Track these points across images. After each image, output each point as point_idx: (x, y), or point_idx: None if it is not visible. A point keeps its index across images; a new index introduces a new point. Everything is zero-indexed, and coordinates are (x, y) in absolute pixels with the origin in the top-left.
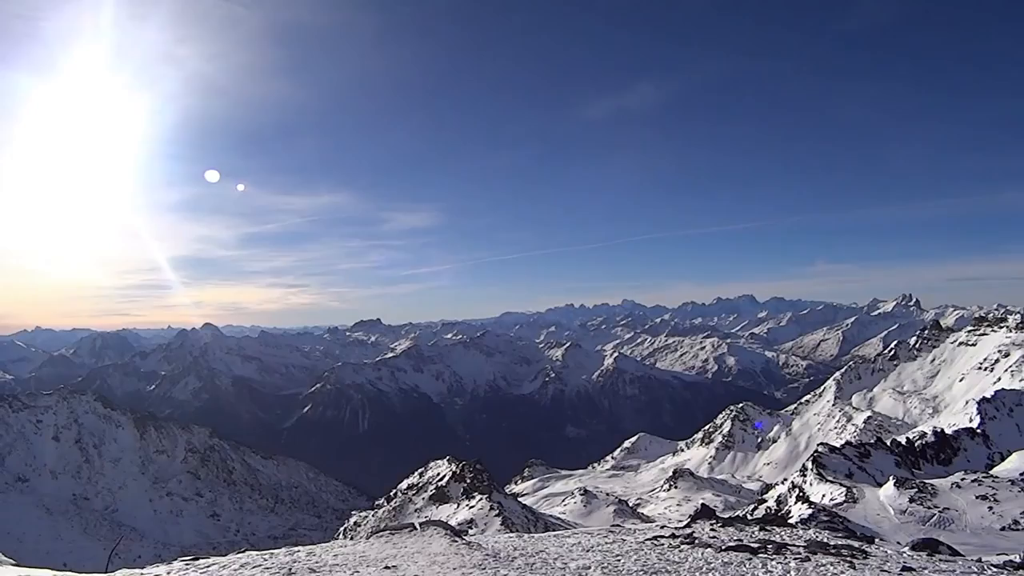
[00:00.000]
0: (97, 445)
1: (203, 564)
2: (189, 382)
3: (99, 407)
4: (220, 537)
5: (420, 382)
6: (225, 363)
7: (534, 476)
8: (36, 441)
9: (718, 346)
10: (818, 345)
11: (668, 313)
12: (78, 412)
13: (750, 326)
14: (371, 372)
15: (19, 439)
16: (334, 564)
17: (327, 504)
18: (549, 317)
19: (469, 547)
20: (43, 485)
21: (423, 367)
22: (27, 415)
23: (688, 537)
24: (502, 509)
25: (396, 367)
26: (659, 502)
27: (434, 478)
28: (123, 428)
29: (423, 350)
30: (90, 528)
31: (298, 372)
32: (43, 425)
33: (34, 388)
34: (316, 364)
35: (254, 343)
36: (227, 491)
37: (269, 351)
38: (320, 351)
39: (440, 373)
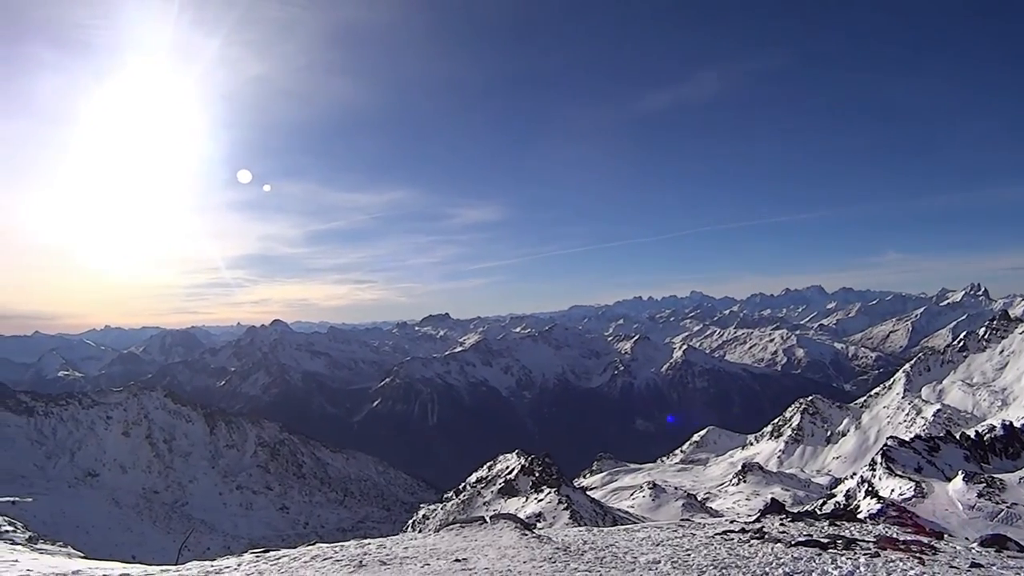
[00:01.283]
0: (167, 440)
1: (273, 556)
2: (259, 378)
3: (169, 403)
4: (289, 530)
5: (489, 376)
6: (294, 359)
7: (603, 470)
8: (106, 437)
9: (787, 338)
10: (887, 336)
11: (737, 305)
12: (148, 408)
13: (819, 317)
14: (440, 366)
15: (89, 435)
16: (404, 556)
17: (396, 497)
18: (618, 310)
19: (539, 540)
20: (113, 479)
21: (492, 361)
22: (97, 411)
23: (758, 532)
24: (570, 503)
25: (465, 361)
26: (728, 496)
27: (503, 471)
28: (193, 423)
29: (492, 344)
30: (159, 521)
31: (367, 367)
32: (113, 421)
33: (104, 385)
34: (385, 359)
35: (323, 339)
36: (297, 484)
37: (338, 346)
38: (389, 346)
39: (509, 367)
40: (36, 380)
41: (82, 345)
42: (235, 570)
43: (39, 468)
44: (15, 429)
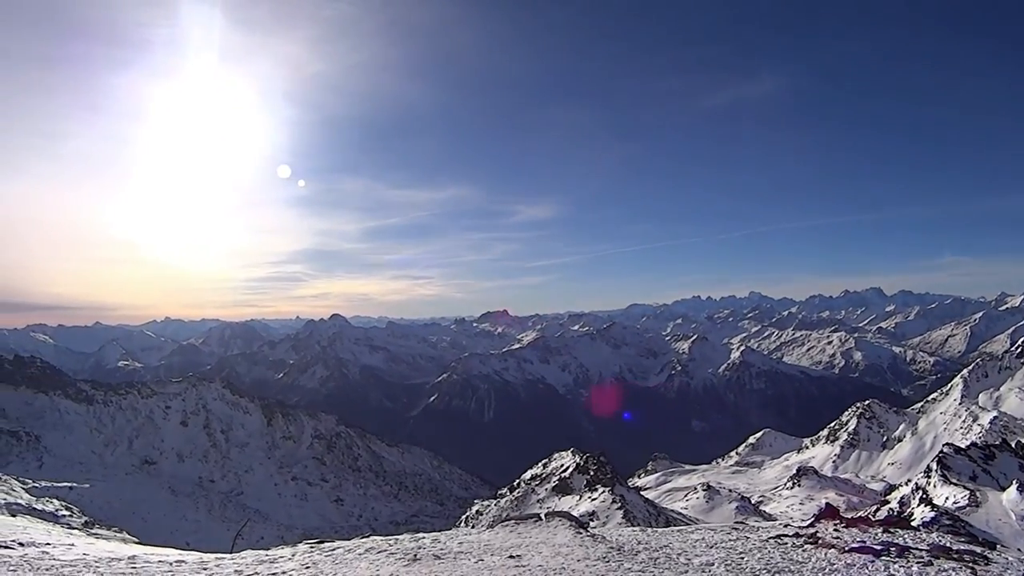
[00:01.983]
0: (224, 431)
1: (327, 548)
2: (317, 371)
3: (227, 394)
4: (343, 522)
5: (546, 373)
6: (353, 353)
7: (657, 470)
8: (164, 426)
9: (845, 340)
10: (945, 341)
11: (795, 306)
12: (206, 399)
13: (877, 320)
14: (497, 363)
15: (147, 424)
16: (459, 552)
17: (450, 492)
18: (676, 309)
19: (593, 539)
20: (170, 468)
21: (549, 358)
22: (156, 401)
23: (811, 537)
24: (624, 502)
25: (522, 358)
26: (781, 500)
27: (557, 469)
28: (250, 415)
29: (549, 341)
30: (215, 510)
31: (425, 362)
32: (171, 411)
33: (163, 376)
34: (443, 354)
35: (382, 333)
36: (352, 477)
37: (396, 341)
38: (447, 342)
39: (566, 364)
40: (96, 370)
41: (142, 336)
42: (289, 560)
43: (97, 455)
44: (74, 417)
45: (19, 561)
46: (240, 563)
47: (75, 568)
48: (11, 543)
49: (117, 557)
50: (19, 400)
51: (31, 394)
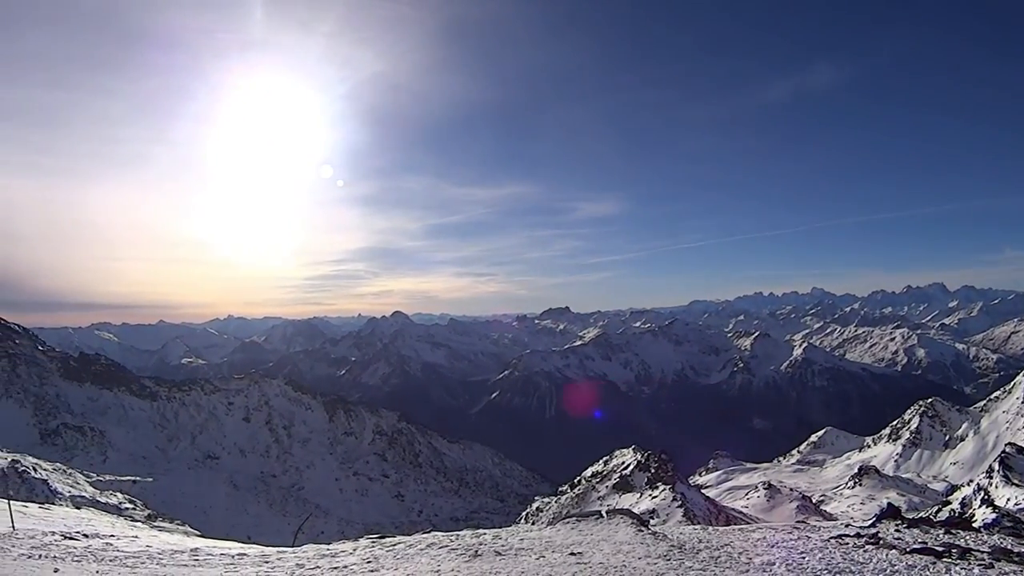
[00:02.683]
0: (287, 426)
1: (389, 542)
2: (379, 368)
3: (289, 391)
4: (403, 517)
5: (608, 370)
6: (415, 350)
7: (718, 468)
8: (227, 422)
9: (908, 337)
10: (1008, 337)
11: (858, 302)
12: (269, 395)
13: (940, 316)
14: (559, 360)
15: (210, 419)
16: (520, 548)
17: (510, 489)
18: (738, 305)
19: (655, 537)
20: (232, 463)
21: (611, 355)
22: (219, 397)
23: (873, 537)
24: (685, 500)
25: (584, 355)
26: (842, 499)
27: (619, 467)
28: (313, 411)
29: (611, 338)
30: (276, 504)
31: (487, 359)
32: (234, 407)
33: (226, 373)
34: (505, 351)
35: (443, 330)
36: (413, 473)
37: (458, 338)
38: (509, 339)
39: (628, 361)
40: (160, 367)
41: (205, 334)
42: (350, 555)
43: (160, 450)
44: (139, 413)
45: (83, 552)
46: (301, 557)
47: (139, 560)
48: (76, 534)
49: (180, 549)
50: (84, 396)
51: (96, 390)
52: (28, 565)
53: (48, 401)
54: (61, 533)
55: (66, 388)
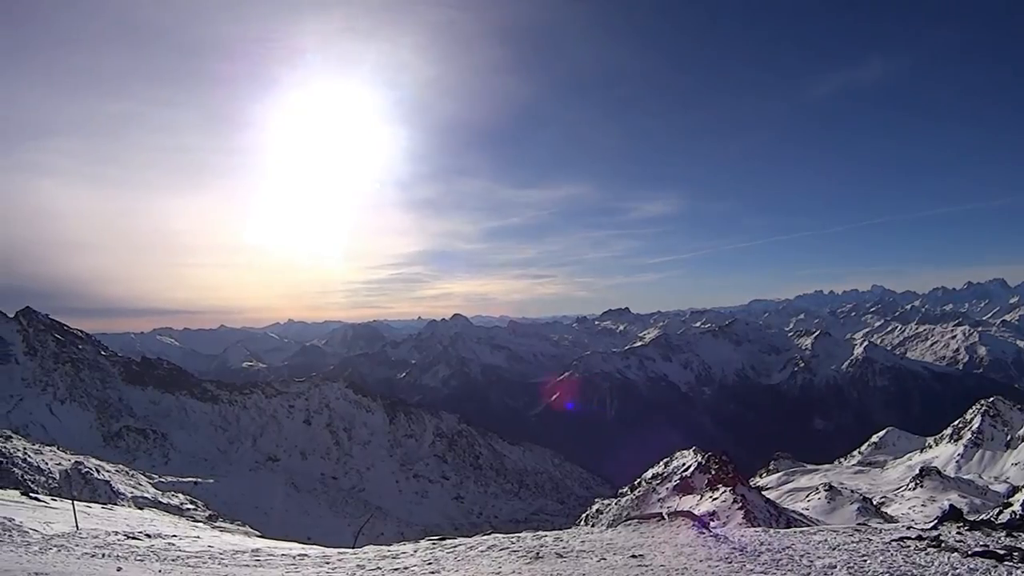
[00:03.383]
0: (347, 429)
1: (449, 544)
2: (439, 370)
3: (350, 393)
4: (463, 519)
5: (668, 371)
6: (475, 352)
7: (779, 469)
8: (287, 424)
9: (969, 335)
10: None
11: (918, 299)
12: (329, 398)
13: (1001, 313)
14: (619, 361)
15: (271, 422)
16: (581, 550)
17: (570, 491)
18: (798, 304)
19: (716, 539)
20: (293, 465)
21: (671, 356)
22: (280, 400)
23: (934, 540)
24: (745, 502)
25: (644, 356)
26: (903, 501)
27: (679, 468)
28: (373, 413)
29: (671, 339)
30: (336, 506)
31: (547, 360)
32: (295, 410)
33: (287, 376)
34: (565, 353)
35: (503, 332)
36: (473, 475)
37: (518, 340)
38: (569, 340)
39: (688, 362)
40: (221, 370)
41: (266, 338)
42: (411, 556)
43: (222, 452)
44: (200, 416)
45: (146, 551)
46: (362, 558)
47: (200, 559)
48: (139, 534)
49: (241, 550)
50: (146, 399)
51: (158, 394)
52: (92, 564)
53: (111, 404)
54: (124, 533)
55: (128, 392)
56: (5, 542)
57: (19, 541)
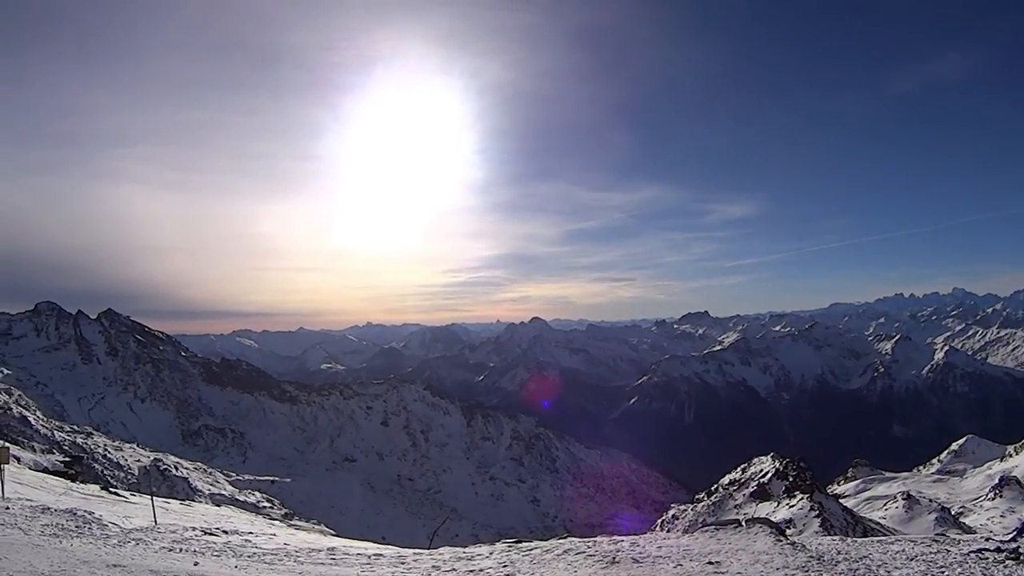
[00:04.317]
0: (424, 431)
1: (525, 547)
2: (517, 373)
3: (428, 395)
4: (538, 522)
5: (747, 375)
6: (553, 355)
7: (857, 477)
8: (365, 425)
9: None
10: None
11: (1000, 302)
12: (407, 400)
13: None
14: (698, 365)
15: (349, 423)
16: (657, 556)
17: (646, 495)
18: (878, 307)
19: (793, 547)
20: (369, 465)
21: (751, 360)
22: (357, 402)
23: (1013, 552)
24: (822, 510)
25: (723, 360)
26: (982, 512)
27: (756, 474)
28: (451, 416)
29: (751, 342)
30: (412, 506)
31: (625, 364)
32: (373, 411)
33: (365, 378)
34: (643, 357)
35: (582, 336)
36: (549, 478)
37: (597, 344)
38: (647, 344)
39: (768, 366)
40: (300, 372)
41: (344, 340)
42: (487, 558)
43: (299, 452)
44: (279, 416)
45: (223, 547)
46: (438, 559)
47: (276, 556)
48: (216, 530)
49: (317, 548)
50: (226, 400)
51: (237, 394)
52: (169, 558)
53: (190, 404)
54: (201, 529)
55: (208, 392)
56: (85, 534)
57: (98, 534)
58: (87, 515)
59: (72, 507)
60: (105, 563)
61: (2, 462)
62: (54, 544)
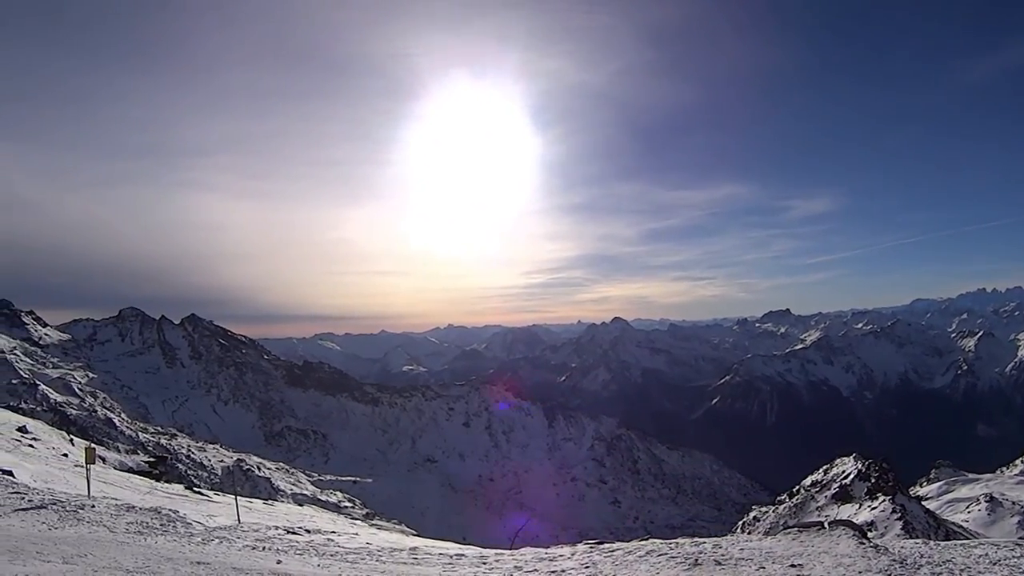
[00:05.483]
0: (506, 432)
1: (607, 548)
2: (598, 374)
3: (509, 397)
4: (619, 524)
5: (829, 374)
6: (634, 356)
7: (940, 478)
8: (446, 426)
9: None
10: None
11: None
12: (489, 401)
13: None
14: (780, 364)
15: (430, 424)
16: (740, 558)
17: (728, 497)
18: (960, 303)
19: (876, 550)
20: (450, 466)
21: (833, 359)
22: (439, 403)
23: None
24: (904, 512)
25: (806, 359)
26: None
27: (838, 476)
28: (532, 416)
29: (832, 341)
30: (492, 507)
31: (707, 364)
32: (455, 412)
33: (446, 380)
34: (725, 356)
35: (663, 336)
36: (630, 479)
37: (678, 344)
38: (729, 343)
39: (850, 365)
40: (382, 374)
41: (426, 342)
42: (568, 559)
43: (381, 453)
44: (361, 417)
45: (305, 546)
46: (520, 559)
47: (359, 556)
48: (298, 529)
49: (399, 548)
50: (308, 401)
51: (319, 396)
52: (252, 556)
53: (273, 406)
54: (284, 528)
55: (290, 394)
56: (169, 532)
57: (183, 532)
58: (171, 513)
59: (156, 505)
60: (189, 560)
61: (88, 462)
62: (139, 541)
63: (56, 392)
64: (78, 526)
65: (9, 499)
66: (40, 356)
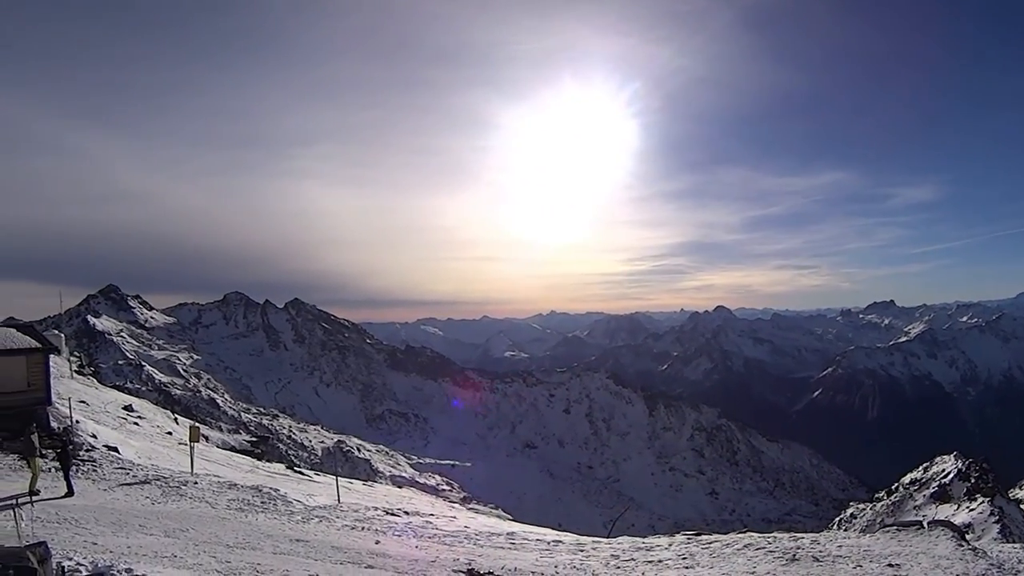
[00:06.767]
0: (606, 419)
1: (704, 540)
2: (700, 363)
3: (611, 384)
4: (715, 515)
5: (932, 369)
6: (737, 345)
7: None
8: (547, 413)
9: None
10: None
11: None
12: (590, 388)
13: None
14: (883, 357)
15: (531, 410)
16: (837, 555)
17: (825, 492)
18: None
19: (974, 553)
20: (550, 452)
21: (936, 353)
22: (540, 390)
23: None
24: (1002, 515)
25: (909, 352)
26: None
27: (938, 474)
28: (633, 405)
29: (937, 334)
30: (590, 494)
31: (810, 355)
32: (555, 399)
33: (548, 366)
34: (828, 347)
35: (766, 325)
36: (729, 471)
37: (781, 334)
38: (832, 334)
39: (954, 359)
40: (483, 359)
41: (528, 328)
42: (666, 549)
43: (480, 437)
44: (461, 401)
45: (404, 527)
46: (617, 548)
47: (456, 538)
48: (397, 511)
49: (496, 532)
50: (409, 385)
51: (420, 380)
52: (351, 535)
53: (375, 389)
54: (383, 509)
55: (392, 377)
56: (269, 510)
57: (283, 510)
58: (272, 492)
59: (258, 484)
60: (288, 538)
61: (192, 440)
62: (239, 518)
63: (161, 373)
64: (180, 501)
65: (114, 474)
66: (146, 338)
